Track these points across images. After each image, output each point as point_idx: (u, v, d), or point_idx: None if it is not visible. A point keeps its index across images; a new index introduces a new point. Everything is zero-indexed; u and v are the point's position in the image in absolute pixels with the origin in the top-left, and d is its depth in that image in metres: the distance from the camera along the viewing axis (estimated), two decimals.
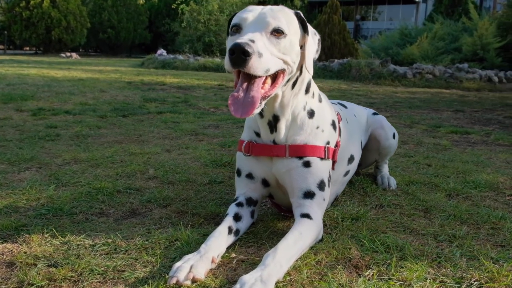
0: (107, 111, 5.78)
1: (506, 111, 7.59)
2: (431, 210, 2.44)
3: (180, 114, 5.90)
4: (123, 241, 1.94)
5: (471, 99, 9.84)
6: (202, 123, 5.23)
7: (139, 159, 3.36)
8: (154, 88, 9.19)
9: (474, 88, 13.08)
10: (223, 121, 5.43)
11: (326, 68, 14.55)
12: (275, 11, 1.89)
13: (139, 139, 4.17)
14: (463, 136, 4.91)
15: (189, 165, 3.24)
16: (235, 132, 4.70)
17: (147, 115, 5.69)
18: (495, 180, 3.02)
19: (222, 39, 21.62)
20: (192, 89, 9.38)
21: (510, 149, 4.30)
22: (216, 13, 21.41)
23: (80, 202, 2.41)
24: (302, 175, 2.01)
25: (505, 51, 18.62)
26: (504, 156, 3.88)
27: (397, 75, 13.63)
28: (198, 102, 7.17)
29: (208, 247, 1.75)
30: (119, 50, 32.05)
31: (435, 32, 20.00)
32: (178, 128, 4.76)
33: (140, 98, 7.27)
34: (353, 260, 1.81)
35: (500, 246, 2.03)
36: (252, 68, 1.71)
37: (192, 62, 16.26)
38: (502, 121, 6.45)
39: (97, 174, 2.95)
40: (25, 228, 2.07)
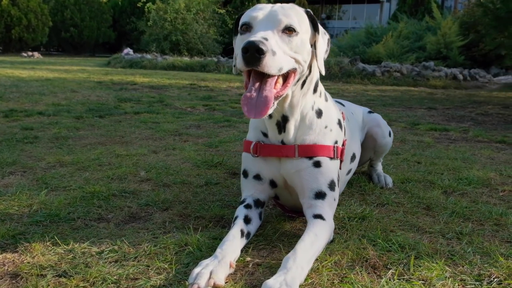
0: (82, 112, 5.62)
1: (477, 108, 7.76)
2: (432, 207, 2.45)
3: (157, 114, 5.79)
4: (130, 247, 1.87)
5: (440, 97, 10.03)
6: (182, 123, 5.14)
7: (127, 161, 3.26)
8: (126, 87, 9.00)
9: (441, 86, 13.36)
10: (204, 121, 5.35)
11: None
12: (286, 9, 1.85)
13: (121, 140, 4.05)
14: (443, 133, 4.99)
15: (180, 166, 3.17)
16: (218, 132, 4.64)
17: (124, 116, 5.56)
18: (486, 176, 3.06)
19: (189, 38, 21.45)
20: (165, 88, 9.23)
21: (490, 145, 4.38)
22: (183, 11, 21.16)
23: (75, 207, 2.31)
24: (313, 175, 1.97)
25: (467, 50, 19.11)
26: (487, 153, 3.95)
27: (366, 74, 13.80)
28: (173, 102, 7.06)
29: (224, 252, 1.70)
30: (82, 49, 31.37)
31: (400, 31, 20.34)
32: (159, 128, 4.66)
33: (114, 98, 7.10)
34: (370, 261, 1.79)
35: (507, 242, 2.04)
36: (267, 66, 1.67)
37: (160, 61, 16.04)
38: (475, 118, 6.59)
39: (87, 177, 2.84)
40: (23, 236, 1.96)
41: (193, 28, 21.36)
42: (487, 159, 3.69)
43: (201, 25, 21.83)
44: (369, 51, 19.62)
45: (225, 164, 3.24)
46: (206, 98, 7.77)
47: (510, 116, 6.83)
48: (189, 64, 15.40)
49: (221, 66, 14.98)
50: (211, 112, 6.29)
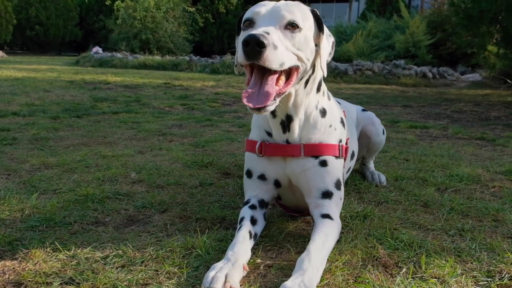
0: (59, 112, 5.47)
1: (450, 106, 7.90)
2: (430, 205, 2.46)
3: (136, 114, 5.69)
4: (135, 251, 1.81)
5: (412, 95, 10.18)
6: (164, 122, 5.06)
7: (114, 162, 3.18)
8: (99, 87, 8.82)
9: (411, 84, 13.58)
10: (185, 121, 5.28)
11: None
12: (289, 5, 1.83)
13: (104, 141, 3.96)
14: (423, 131, 5.05)
15: (170, 167, 3.10)
16: (202, 131, 4.58)
17: (102, 116, 5.44)
18: (475, 173, 3.11)
19: (159, 37, 21.19)
20: (139, 88, 9.09)
21: (471, 142, 4.46)
22: (153, 10, 20.86)
23: (70, 211, 2.24)
24: (319, 174, 1.95)
25: (435, 48, 19.49)
26: (470, 150, 4.02)
27: (339, 72, 13.91)
28: (151, 101, 6.95)
29: (236, 254, 1.66)
30: (48, 48, 30.59)
31: (369, 30, 20.58)
32: (141, 128, 4.58)
33: (89, 98, 6.94)
34: (380, 259, 1.78)
35: (508, 237, 2.07)
36: (267, 60, 1.64)
37: (131, 60, 15.79)
38: (451, 115, 6.71)
39: (76, 180, 2.76)
40: (20, 243, 1.88)
41: (163, 26, 21.11)
42: (471, 156, 3.75)
43: (171, 23, 21.59)
44: (340, 49, 19.76)
45: (216, 164, 3.20)
46: (182, 97, 7.68)
47: (483, 113, 6.97)
48: (161, 63, 15.20)
49: (193, 65, 14.85)
50: (190, 111, 6.22)
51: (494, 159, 3.63)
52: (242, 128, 4.87)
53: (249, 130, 4.61)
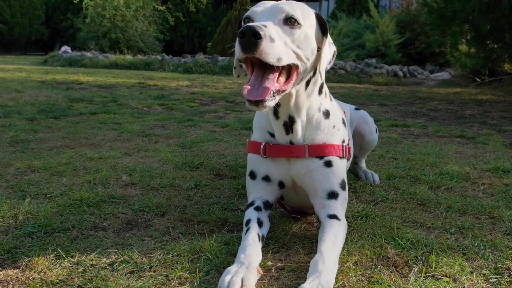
0: (35, 113, 5.32)
1: (425, 104, 8.04)
2: (426, 203, 2.49)
3: (115, 114, 5.58)
4: (141, 256, 1.77)
5: (386, 93, 10.31)
6: (145, 123, 4.98)
7: (102, 164, 3.11)
8: (73, 87, 8.63)
9: (383, 82, 13.77)
10: (166, 121, 5.21)
11: None
12: (290, 2, 1.82)
13: (87, 142, 3.87)
14: (405, 129, 5.12)
15: (161, 168, 3.05)
16: (186, 132, 4.52)
17: (80, 117, 5.32)
18: (463, 170, 3.16)
19: (130, 36, 20.92)
20: (114, 87, 8.94)
21: (452, 140, 4.54)
22: (122, 8, 20.58)
23: (66, 216, 2.17)
24: (325, 175, 1.95)
25: (404, 47, 19.83)
26: (453, 147, 4.09)
27: None
28: (128, 102, 6.84)
29: (249, 257, 1.64)
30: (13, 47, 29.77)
31: (340, 29, 20.76)
32: (123, 129, 4.49)
33: (64, 98, 6.79)
34: (390, 259, 1.78)
35: (507, 234, 2.10)
36: (264, 52, 1.61)
37: (102, 60, 15.52)
38: (427, 113, 6.82)
39: (66, 183, 2.68)
40: (19, 250, 1.82)
41: (133, 25, 20.86)
42: (456, 154, 3.81)
43: (142, 22, 21.36)
44: None
45: (207, 166, 3.16)
46: (159, 97, 7.59)
47: (458, 111, 7.11)
48: (133, 62, 15.00)
49: (166, 65, 14.70)
50: (169, 111, 6.15)
51: (477, 157, 3.70)
52: (226, 128, 4.83)
53: (233, 130, 4.62)
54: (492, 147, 4.14)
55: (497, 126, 5.54)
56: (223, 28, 18.90)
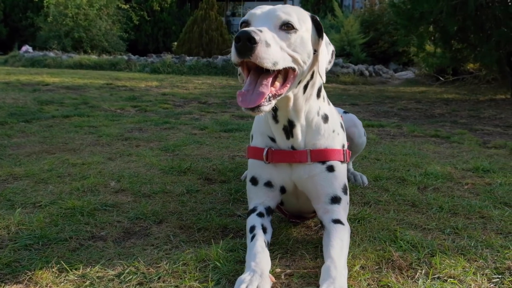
0: (5, 117, 5.15)
1: (394, 103, 8.21)
2: (417, 204, 2.54)
3: (88, 117, 5.47)
4: (147, 267, 1.74)
5: (354, 93, 10.47)
6: (122, 126, 4.90)
7: (87, 170, 3.04)
8: (39, 89, 8.41)
9: (350, 82, 13.96)
10: (142, 123, 5.14)
11: (210, 64, 14.51)
12: (286, 7, 1.83)
13: (66, 147, 3.77)
14: (381, 129, 5.21)
15: (148, 174, 3.01)
16: (166, 135, 4.47)
17: (52, 120, 5.19)
18: (446, 171, 3.24)
19: (93, 35, 20.54)
20: (82, 89, 8.76)
21: (428, 140, 4.65)
22: (85, 7, 20.17)
23: (61, 226, 2.11)
24: (328, 180, 1.96)
25: (368, 47, 20.17)
26: (431, 147, 4.19)
27: None
28: (100, 104, 6.71)
29: (260, 265, 1.63)
30: None
31: None
32: (101, 133, 4.40)
33: (33, 101, 6.61)
34: (394, 262, 1.81)
35: (499, 233, 2.17)
36: (259, 57, 1.62)
37: (65, 60, 15.18)
38: (398, 113, 6.96)
39: (53, 191, 2.61)
40: (18, 264, 1.76)
41: (97, 24, 20.49)
42: (434, 154, 3.91)
43: (105, 21, 20.99)
44: None
45: (195, 170, 3.13)
46: (131, 99, 7.48)
47: (427, 110, 7.29)
48: (98, 62, 14.74)
49: (132, 65, 14.51)
50: (144, 113, 6.07)
51: (455, 157, 3.80)
52: (205, 130, 4.80)
53: (213, 133, 4.59)
54: (467, 147, 4.26)
55: (468, 125, 5.70)
56: (189, 28, 18.77)
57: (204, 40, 18.30)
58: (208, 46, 18.38)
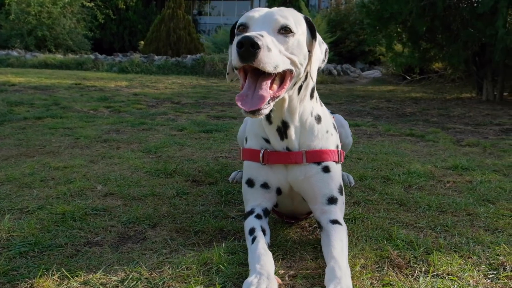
0: None
1: (365, 102, 8.34)
2: (405, 203, 2.59)
3: (62, 118, 5.37)
4: (150, 271, 1.72)
5: (325, 92, 10.59)
6: (98, 127, 4.82)
7: (71, 174, 2.99)
8: (6, 89, 8.19)
9: (319, 81, 14.07)
10: (118, 124, 5.07)
11: (179, 64, 14.41)
12: (283, 10, 1.85)
13: (44, 150, 3.69)
14: (357, 129, 5.29)
15: (134, 176, 2.98)
16: (145, 136, 4.42)
17: (25, 122, 5.07)
18: (427, 169, 3.32)
19: (57, 33, 20.10)
20: (51, 89, 8.57)
21: (404, 139, 4.75)
22: (48, 5, 19.71)
23: (54, 232, 2.07)
24: (324, 180, 1.99)
25: (335, 46, 20.42)
26: (408, 146, 4.28)
27: None
28: (71, 105, 6.59)
29: (266, 267, 1.64)
30: None
31: None
32: (78, 135, 4.32)
33: (1, 102, 6.42)
34: (393, 261, 1.85)
35: (486, 230, 2.24)
36: (262, 62, 1.64)
37: (30, 59, 14.79)
38: (371, 112, 7.08)
39: (39, 196, 2.55)
40: (16, 272, 1.71)
41: (61, 22, 20.05)
42: (413, 152, 4.00)
43: (69, 19, 20.56)
44: None
45: (181, 172, 3.11)
46: (103, 99, 7.37)
47: (399, 109, 7.44)
48: (64, 62, 14.43)
49: (99, 64, 14.27)
50: (118, 114, 5.99)
51: (433, 155, 3.90)
52: (184, 131, 4.78)
53: (192, 134, 4.58)
54: (442, 145, 4.37)
55: (440, 124, 5.84)
56: (157, 27, 18.60)
57: (172, 39, 18.16)
58: (176, 45, 18.26)
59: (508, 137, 4.98)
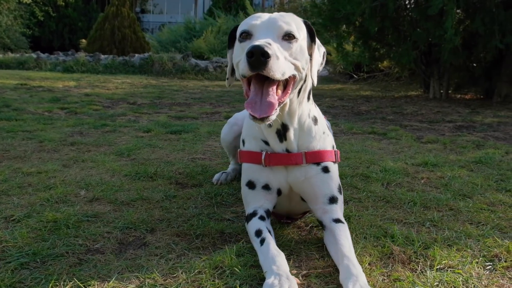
0: None
1: (320, 101, 8.50)
2: (389, 200, 2.68)
3: (17, 121, 5.15)
4: (164, 277, 1.70)
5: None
6: (59, 130, 4.66)
7: (48, 179, 2.88)
8: None
9: None
10: (79, 127, 4.92)
11: (127, 63, 14.12)
12: (285, 16, 1.89)
13: (11, 155, 3.53)
14: None
15: (116, 181, 2.91)
16: (112, 139, 4.32)
17: None
18: (400, 166, 3.44)
19: None
20: None
21: (368, 137, 4.89)
22: None
23: (51, 241, 1.99)
24: (324, 181, 2.03)
25: None
26: (374, 144, 4.41)
27: (200, 69, 14.01)
28: (23, 106, 6.32)
29: (282, 267, 1.67)
30: None
31: (219, 26, 20.97)
32: (41, 138, 4.16)
33: None
34: (396, 257, 1.92)
35: (471, 223, 2.35)
36: (272, 70, 1.68)
37: None
38: (328, 111, 7.22)
39: (21, 203, 2.45)
40: (23, 285, 1.65)
41: None
42: (380, 150, 4.13)
43: (6, 16, 19.65)
44: (191, 46, 19.86)
45: (162, 175, 3.07)
46: (55, 100, 7.12)
47: (354, 108, 7.63)
48: (4, 61, 13.80)
49: (42, 63, 13.76)
50: (75, 116, 5.81)
51: (400, 152, 4.05)
52: (150, 132, 4.70)
53: (160, 135, 4.52)
54: (406, 143, 4.54)
55: (397, 122, 6.05)
56: (100, 25, 18.13)
57: (116, 37, 17.76)
58: (121, 44, 17.87)
59: (463, 133, 5.24)
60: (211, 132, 4.78)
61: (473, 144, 4.50)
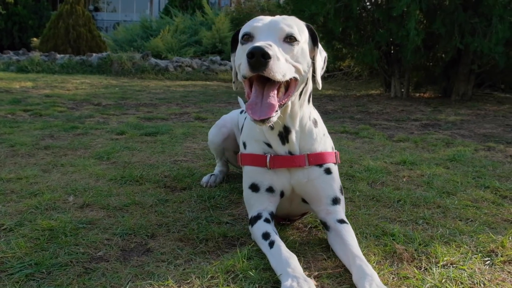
0: None
1: None
2: (379, 199, 2.74)
3: None
4: (179, 284, 1.68)
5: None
6: (28, 133, 4.50)
7: (31, 186, 2.79)
8: None
9: (229, 79, 14.18)
10: (49, 129, 4.77)
11: (84, 62, 13.78)
12: (286, 19, 1.92)
13: None
14: None
15: (103, 186, 2.84)
16: (87, 142, 4.21)
17: None
18: (380, 165, 3.52)
19: None
20: None
21: (342, 136, 4.97)
22: None
23: (52, 250, 1.93)
24: (327, 182, 2.06)
25: None
26: (349, 143, 4.49)
27: (160, 69, 13.84)
28: None
29: (298, 269, 1.68)
30: None
31: (176, 25, 20.77)
32: (11, 142, 4.01)
33: None
34: (400, 255, 1.96)
35: (460, 220, 2.44)
36: (272, 71, 1.71)
37: None
38: None
39: (9, 211, 2.36)
40: None
41: None
42: (356, 149, 4.21)
43: None
44: (148, 45, 19.57)
45: (148, 178, 3.02)
46: (15, 102, 6.87)
47: (320, 106, 7.72)
48: None
49: None
50: (41, 118, 5.62)
51: (376, 151, 4.14)
52: (125, 135, 4.61)
53: (135, 137, 4.45)
54: (379, 141, 4.64)
55: (365, 121, 6.18)
56: (54, 23, 17.62)
57: (71, 36, 17.30)
58: (76, 43, 17.43)
59: (430, 132, 5.40)
60: (186, 134, 4.74)
61: (442, 142, 4.65)
